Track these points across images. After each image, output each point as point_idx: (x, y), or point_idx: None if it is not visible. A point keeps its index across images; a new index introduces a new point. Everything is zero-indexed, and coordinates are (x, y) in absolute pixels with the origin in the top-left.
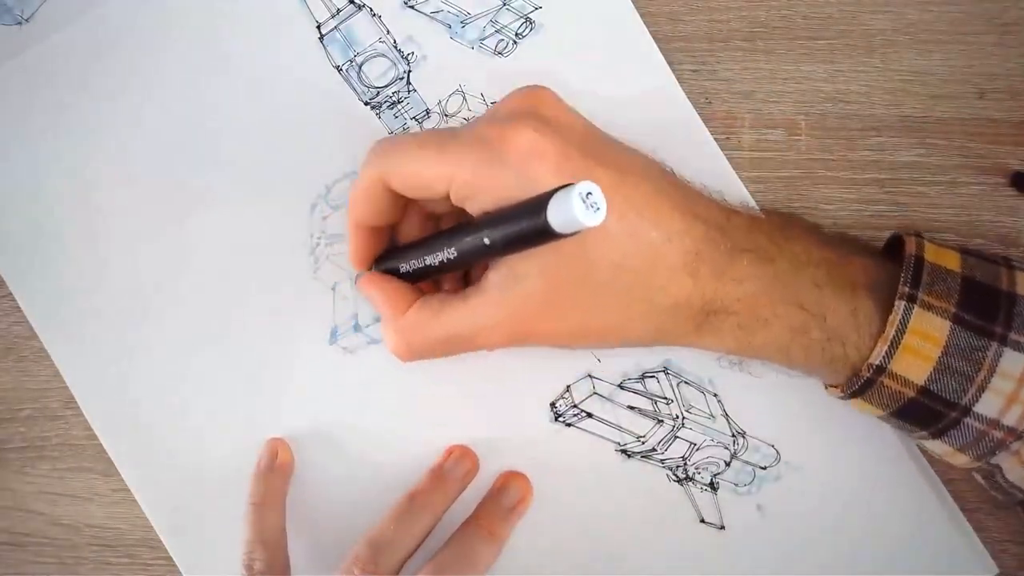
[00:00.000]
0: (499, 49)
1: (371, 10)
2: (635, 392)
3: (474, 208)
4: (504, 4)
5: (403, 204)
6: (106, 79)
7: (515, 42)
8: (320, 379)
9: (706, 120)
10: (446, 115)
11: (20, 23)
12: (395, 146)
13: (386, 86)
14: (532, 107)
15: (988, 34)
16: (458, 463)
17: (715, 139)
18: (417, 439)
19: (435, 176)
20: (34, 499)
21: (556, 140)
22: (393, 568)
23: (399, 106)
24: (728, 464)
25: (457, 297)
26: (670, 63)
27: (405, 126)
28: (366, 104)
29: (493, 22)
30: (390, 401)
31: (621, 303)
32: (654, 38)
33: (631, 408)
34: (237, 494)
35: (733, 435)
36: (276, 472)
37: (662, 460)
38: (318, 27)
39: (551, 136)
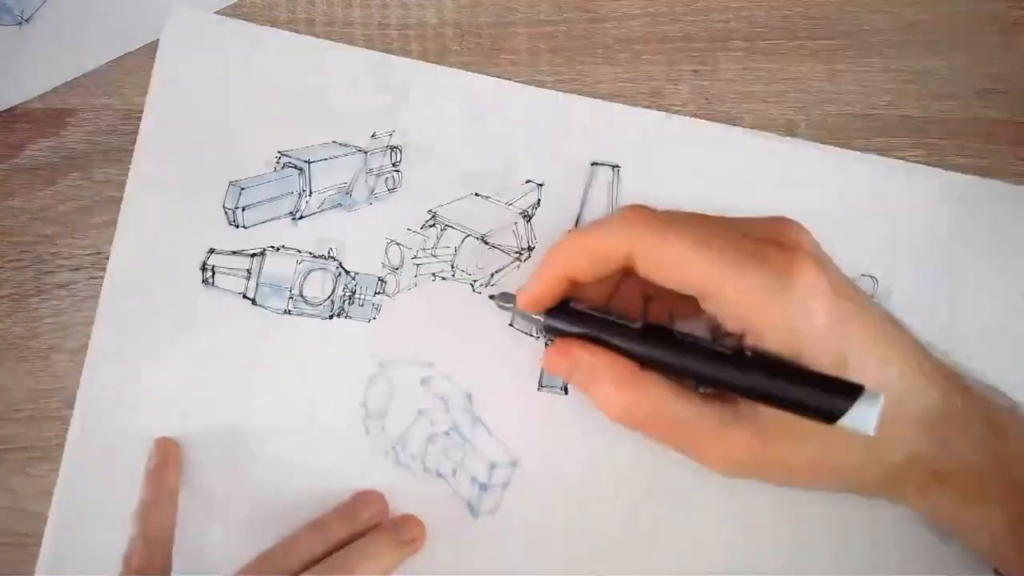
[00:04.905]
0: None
1: (273, 248)
2: None
3: (733, 324)
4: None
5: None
6: None
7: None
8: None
9: (707, 119)
10: (395, 268)
11: (20, 23)
12: (655, 226)
13: (332, 292)
14: (798, 242)
15: (989, 35)
16: (367, 505)
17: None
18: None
19: (699, 279)
20: (34, 499)
21: (829, 283)
22: None
23: (356, 297)
24: None
25: (708, 402)
26: (670, 63)
27: (377, 308)
28: (329, 317)
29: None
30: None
31: (862, 446)
32: (656, 39)
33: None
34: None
35: None
36: (165, 472)
37: None
38: (243, 295)
39: (826, 277)
